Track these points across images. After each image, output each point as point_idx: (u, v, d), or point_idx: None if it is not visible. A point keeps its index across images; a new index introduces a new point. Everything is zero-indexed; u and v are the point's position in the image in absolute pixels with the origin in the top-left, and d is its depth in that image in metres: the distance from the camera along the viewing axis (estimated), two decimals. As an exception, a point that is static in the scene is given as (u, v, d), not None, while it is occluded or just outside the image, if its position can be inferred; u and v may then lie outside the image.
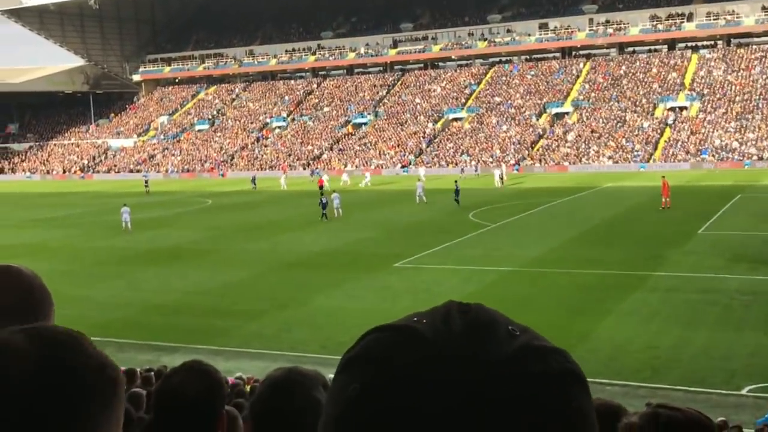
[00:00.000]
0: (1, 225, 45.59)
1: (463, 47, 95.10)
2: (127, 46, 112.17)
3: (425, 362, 0.73)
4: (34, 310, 1.67)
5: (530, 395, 0.72)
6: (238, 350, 19.30)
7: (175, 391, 2.50)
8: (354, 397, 0.75)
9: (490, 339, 0.75)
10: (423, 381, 0.72)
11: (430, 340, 0.75)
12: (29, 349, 0.98)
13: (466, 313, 0.78)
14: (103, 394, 1.02)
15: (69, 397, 0.97)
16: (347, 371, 0.79)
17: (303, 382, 2.32)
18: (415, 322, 0.79)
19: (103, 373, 1.04)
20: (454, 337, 0.75)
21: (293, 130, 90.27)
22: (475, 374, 0.72)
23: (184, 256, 32.86)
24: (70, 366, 1.00)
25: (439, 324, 0.77)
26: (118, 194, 60.34)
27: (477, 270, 27.55)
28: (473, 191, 54.02)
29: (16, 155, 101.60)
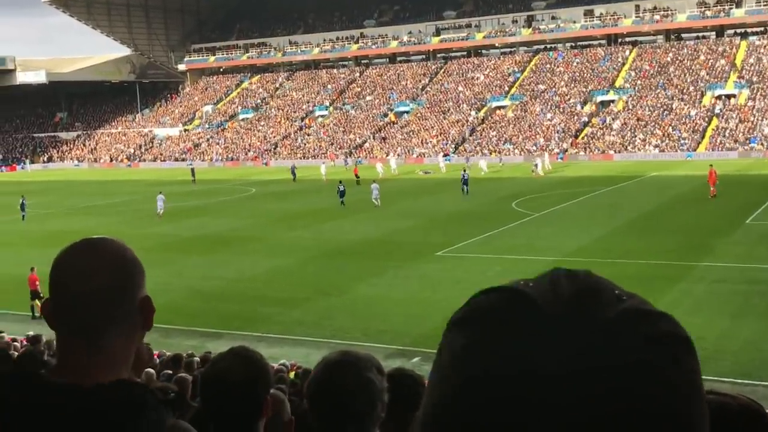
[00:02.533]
0: (51, 212, 46.52)
1: (507, 35, 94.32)
2: (173, 35, 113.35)
3: (533, 321, 0.74)
4: (129, 282, 1.73)
5: (638, 356, 0.72)
6: (281, 337, 19.50)
7: (222, 375, 2.54)
8: (462, 352, 0.75)
9: (597, 301, 0.76)
10: (531, 338, 0.72)
11: (538, 301, 0.76)
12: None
13: (574, 278, 0.79)
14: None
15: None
16: (456, 329, 0.79)
17: (356, 363, 2.40)
18: (522, 285, 0.79)
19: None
20: (561, 299, 0.76)
21: (335, 119, 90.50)
22: (583, 333, 0.73)
23: (228, 243, 33.22)
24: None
25: (547, 286, 0.78)
26: (163, 182, 61.12)
27: (520, 259, 27.40)
28: (516, 180, 53.69)
29: (64, 144, 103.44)
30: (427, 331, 19.94)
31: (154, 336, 19.91)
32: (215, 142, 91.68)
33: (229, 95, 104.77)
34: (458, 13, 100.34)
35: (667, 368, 0.73)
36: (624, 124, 74.31)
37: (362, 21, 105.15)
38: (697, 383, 0.75)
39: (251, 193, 53.51)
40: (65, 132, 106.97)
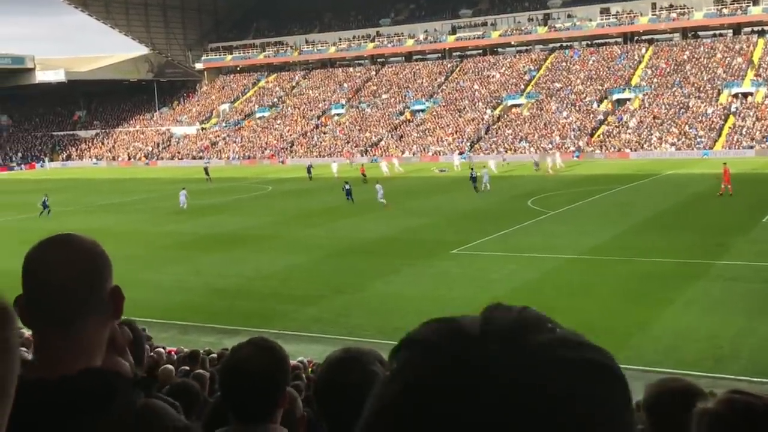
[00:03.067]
0: (70, 210, 46.95)
1: (523, 33, 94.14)
2: (190, 34, 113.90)
3: (465, 345, 0.77)
4: (96, 274, 1.85)
5: (559, 380, 0.74)
6: (297, 334, 19.62)
7: (242, 365, 2.59)
8: (393, 375, 0.79)
9: (529, 330, 0.79)
10: (460, 361, 0.75)
11: (473, 330, 0.79)
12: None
13: (509, 311, 0.83)
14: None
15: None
16: (391, 358, 0.83)
17: (359, 359, 2.43)
18: (462, 317, 0.82)
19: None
20: (496, 328, 0.80)
21: (351, 117, 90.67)
22: (510, 357, 0.75)
23: (245, 241, 33.42)
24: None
25: (480, 319, 0.82)
26: (180, 180, 61.47)
27: (535, 257, 27.42)
28: (532, 178, 53.63)
29: (83, 142, 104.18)
30: (442, 328, 20.05)
31: (171, 333, 20.16)
32: (232, 141, 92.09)
33: (245, 94, 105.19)
34: (474, 11, 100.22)
35: (585, 392, 0.74)
36: (640, 122, 74.02)
37: (378, 20, 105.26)
38: (618, 412, 0.76)
39: (268, 191, 53.75)
40: (84, 130, 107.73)
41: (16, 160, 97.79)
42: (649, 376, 14.18)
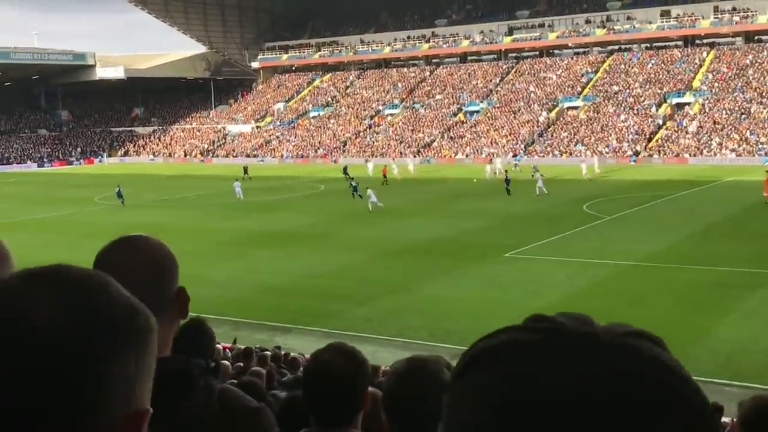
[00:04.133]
0: (128, 206, 47.74)
1: (581, 35, 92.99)
2: (247, 33, 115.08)
3: (553, 349, 0.78)
4: (163, 274, 1.94)
5: (630, 371, 0.75)
6: (348, 333, 19.58)
7: (324, 369, 2.63)
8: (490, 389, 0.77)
9: (597, 326, 0.82)
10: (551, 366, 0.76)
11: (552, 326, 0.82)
12: (48, 296, 0.93)
13: (577, 316, 0.85)
14: (134, 344, 0.96)
15: (95, 349, 0.91)
16: (474, 368, 0.81)
17: (426, 367, 2.40)
18: (525, 326, 0.84)
19: (133, 321, 0.98)
20: (566, 322, 0.82)
21: (405, 118, 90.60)
22: (586, 348, 0.77)
23: (298, 239, 33.59)
24: (95, 315, 0.94)
25: (554, 322, 0.83)
26: (234, 178, 62.04)
27: (591, 263, 27.00)
28: (588, 183, 52.87)
29: (140, 138, 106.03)
30: (495, 332, 19.83)
31: (224, 329, 20.29)
32: (286, 139, 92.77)
33: (300, 93, 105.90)
34: (531, 12, 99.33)
35: (653, 381, 0.75)
36: (700, 127, 72.49)
37: (434, 20, 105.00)
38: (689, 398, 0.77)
39: (320, 190, 53.98)
40: (141, 127, 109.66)
41: (75, 155, 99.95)
42: (708, 388, 13.80)
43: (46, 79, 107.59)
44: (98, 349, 0.92)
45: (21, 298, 0.93)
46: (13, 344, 0.89)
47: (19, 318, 0.91)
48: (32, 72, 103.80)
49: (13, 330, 0.90)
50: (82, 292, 0.95)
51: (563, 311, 0.84)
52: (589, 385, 0.74)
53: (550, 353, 0.77)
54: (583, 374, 0.74)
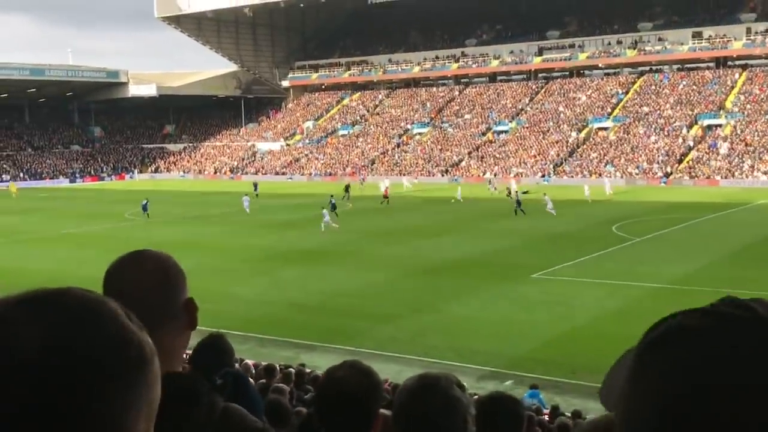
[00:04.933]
0: (157, 221, 48.14)
1: (611, 55, 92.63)
2: (278, 52, 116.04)
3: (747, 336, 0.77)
4: (170, 286, 1.98)
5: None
6: (373, 352, 19.52)
7: (338, 386, 2.59)
8: (670, 371, 0.78)
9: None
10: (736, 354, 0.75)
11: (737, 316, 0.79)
12: (32, 323, 0.90)
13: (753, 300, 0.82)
14: (121, 378, 0.92)
15: (80, 382, 0.88)
16: (657, 349, 0.82)
17: (438, 384, 2.43)
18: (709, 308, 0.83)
19: (123, 352, 0.94)
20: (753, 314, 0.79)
21: (433, 137, 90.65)
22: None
23: (325, 257, 33.60)
24: (81, 345, 0.90)
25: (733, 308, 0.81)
26: (263, 195, 62.40)
27: (620, 285, 26.71)
28: (619, 204, 52.43)
29: (171, 155, 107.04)
30: (521, 353, 19.67)
31: (250, 345, 20.31)
32: (315, 157, 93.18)
33: (329, 111, 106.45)
34: (562, 33, 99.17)
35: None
36: (731, 149, 71.72)
37: (464, 40, 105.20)
38: None
39: (348, 209, 54.03)
40: (172, 144, 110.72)
41: (107, 170, 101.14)
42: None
43: (79, 95, 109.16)
44: (82, 383, 0.89)
45: (12, 326, 0.90)
46: (3, 377, 0.87)
47: (8, 347, 0.88)
48: (66, 89, 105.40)
49: (4, 362, 0.88)
50: (74, 322, 0.92)
51: (756, 298, 0.82)
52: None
53: (738, 335, 0.76)
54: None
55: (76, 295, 0.96)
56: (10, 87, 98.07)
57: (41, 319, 0.91)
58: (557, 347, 20.05)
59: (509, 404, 3.26)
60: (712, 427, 0.73)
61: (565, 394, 16.73)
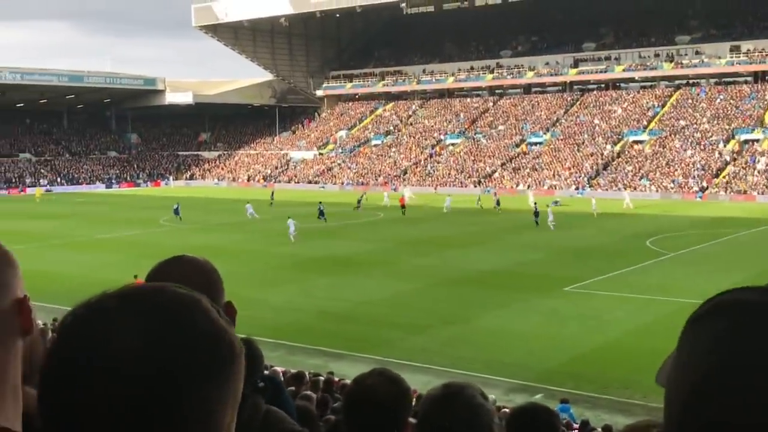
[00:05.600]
0: (191, 228, 48.56)
1: (648, 68, 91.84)
2: (313, 62, 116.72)
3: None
4: (210, 289, 2.03)
5: None
6: (402, 362, 19.43)
7: (367, 394, 2.60)
8: (711, 343, 0.79)
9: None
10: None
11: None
12: (133, 317, 0.96)
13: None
14: (215, 372, 0.97)
15: (178, 375, 0.93)
16: (699, 324, 0.83)
17: (462, 392, 2.46)
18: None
19: (216, 348, 0.98)
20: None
21: (466, 148, 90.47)
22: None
23: (355, 266, 33.62)
24: (178, 340, 0.95)
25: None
26: (293, 203, 62.69)
27: (653, 300, 26.39)
28: (653, 218, 51.86)
29: (206, 162, 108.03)
30: (552, 367, 19.48)
31: (280, 353, 20.36)
32: (347, 167, 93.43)
33: (363, 121, 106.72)
34: (598, 45, 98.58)
35: None
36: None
37: (499, 51, 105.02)
38: None
39: (379, 218, 54.08)
40: (207, 151, 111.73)
41: (142, 177, 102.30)
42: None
43: (117, 102, 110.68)
44: (177, 377, 0.93)
45: (115, 319, 0.96)
46: (101, 367, 0.92)
47: (112, 338, 0.94)
48: (104, 95, 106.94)
49: (102, 352, 0.93)
50: (171, 318, 0.97)
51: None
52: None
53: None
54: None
55: (171, 292, 1.01)
56: (49, 93, 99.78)
57: (141, 314, 0.96)
58: (588, 361, 19.83)
59: (545, 415, 3.24)
60: (757, 398, 0.72)
61: (596, 409, 16.53)
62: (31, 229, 47.77)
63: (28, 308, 1.42)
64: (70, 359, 0.95)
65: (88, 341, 0.95)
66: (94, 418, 0.91)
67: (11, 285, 1.41)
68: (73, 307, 1.02)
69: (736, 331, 0.77)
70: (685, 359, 0.80)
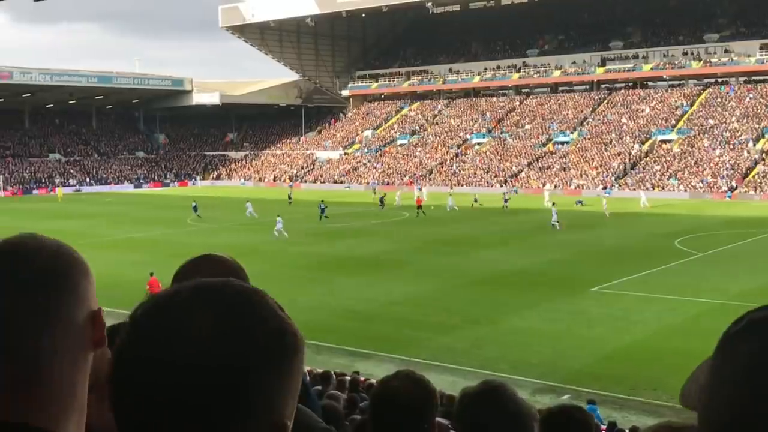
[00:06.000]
0: (218, 228, 48.84)
1: (676, 67, 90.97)
2: (339, 62, 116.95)
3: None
4: None
5: None
6: (428, 362, 19.42)
7: (393, 396, 2.60)
8: (749, 361, 0.77)
9: None
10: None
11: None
12: (203, 309, 0.99)
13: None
14: (280, 363, 1.00)
15: (248, 365, 0.96)
16: (738, 340, 0.82)
17: (497, 391, 2.49)
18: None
19: (282, 340, 1.01)
20: None
21: (492, 147, 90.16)
22: None
23: (381, 266, 33.63)
24: (247, 332, 0.98)
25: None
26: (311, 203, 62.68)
27: (681, 300, 26.13)
28: (682, 217, 51.36)
29: (232, 162, 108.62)
30: (579, 367, 19.36)
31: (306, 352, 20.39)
32: (373, 166, 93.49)
33: (388, 121, 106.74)
34: (625, 43, 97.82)
35: None
36: (802, 163, 69.70)
37: (525, 50, 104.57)
38: None
39: (405, 218, 54.04)
40: (234, 151, 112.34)
41: (170, 177, 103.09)
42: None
43: (145, 103, 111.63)
44: (248, 366, 0.96)
45: (188, 310, 0.99)
46: (179, 354, 0.95)
47: (186, 327, 0.97)
48: (133, 96, 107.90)
49: (182, 341, 0.96)
50: (241, 310, 1.00)
51: None
52: None
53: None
54: None
55: (239, 286, 1.05)
56: (78, 94, 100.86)
57: (210, 306, 1.00)
58: (616, 362, 19.69)
59: (579, 414, 3.23)
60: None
61: (623, 410, 16.40)
62: (58, 228, 48.27)
63: (102, 321, 1.36)
64: (146, 356, 0.98)
65: (164, 336, 0.98)
66: (171, 410, 0.94)
67: (88, 297, 1.34)
68: (141, 303, 1.06)
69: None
70: (718, 384, 0.79)
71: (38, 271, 1.28)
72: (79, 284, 1.32)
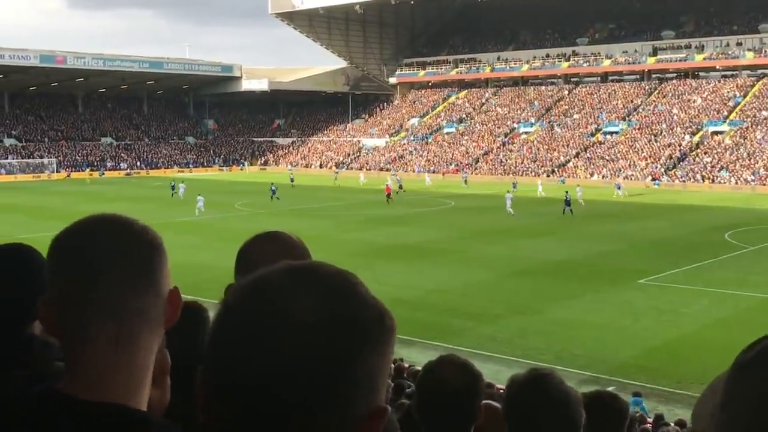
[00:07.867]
0: (264, 213, 49.34)
1: (730, 57, 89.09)
2: (387, 49, 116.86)
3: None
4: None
5: None
6: (471, 351, 19.45)
7: (439, 384, 2.64)
8: (759, 400, 0.76)
9: None
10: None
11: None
12: (313, 295, 0.98)
13: None
14: (380, 344, 1.00)
15: (349, 349, 0.96)
16: (748, 373, 0.80)
17: (546, 377, 2.52)
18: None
19: (381, 321, 1.02)
20: None
21: (540, 137, 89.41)
22: None
23: (426, 254, 33.72)
24: (352, 316, 0.98)
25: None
26: (364, 190, 63.05)
27: (730, 294, 25.77)
28: (730, 210, 50.48)
29: (280, 149, 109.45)
30: (624, 360, 19.27)
31: (350, 338, 20.62)
32: (419, 154, 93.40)
33: (435, 109, 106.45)
34: (678, 33, 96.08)
35: None
36: None
37: (575, 39, 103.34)
38: None
39: (450, 206, 53.99)
40: (282, 138, 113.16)
41: (218, 162, 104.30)
42: None
43: (195, 89, 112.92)
44: (352, 348, 0.96)
45: (289, 292, 0.98)
46: (282, 338, 0.94)
47: (289, 308, 0.96)
48: (183, 82, 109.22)
49: (286, 324, 0.95)
50: (340, 293, 1.00)
51: None
52: None
53: None
54: None
55: (331, 268, 1.05)
56: (130, 79, 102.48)
57: (310, 287, 1.00)
58: (662, 355, 19.54)
59: (613, 402, 3.29)
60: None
61: (669, 404, 16.30)
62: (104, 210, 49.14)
63: (181, 301, 1.42)
64: (247, 342, 0.96)
65: (265, 321, 0.96)
66: (274, 397, 0.94)
67: (168, 275, 1.41)
68: (232, 286, 1.05)
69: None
70: (731, 416, 0.77)
71: (140, 237, 1.37)
72: (167, 259, 1.40)
